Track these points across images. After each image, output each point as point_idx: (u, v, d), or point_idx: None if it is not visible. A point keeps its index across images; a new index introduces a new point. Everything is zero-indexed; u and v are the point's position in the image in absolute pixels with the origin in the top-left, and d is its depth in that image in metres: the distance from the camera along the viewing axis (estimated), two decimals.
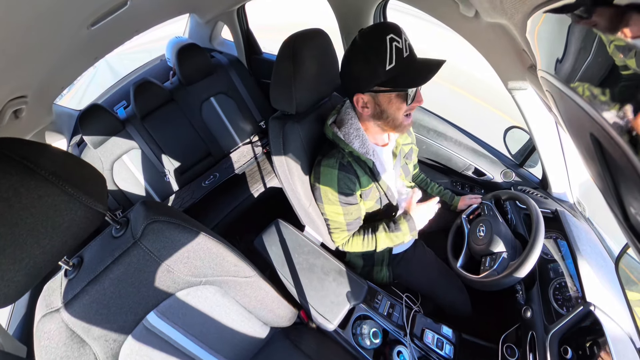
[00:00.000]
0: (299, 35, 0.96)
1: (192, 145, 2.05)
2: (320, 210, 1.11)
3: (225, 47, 2.48)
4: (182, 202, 1.95)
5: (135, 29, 1.43)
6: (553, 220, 1.16)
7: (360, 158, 0.99)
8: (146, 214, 0.77)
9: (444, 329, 1.04)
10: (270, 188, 2.05)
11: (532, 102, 1.10)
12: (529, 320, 0.93)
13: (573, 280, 0.94)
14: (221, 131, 2.16)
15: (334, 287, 1.09)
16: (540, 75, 0.52)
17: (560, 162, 1.22)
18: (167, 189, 2.02)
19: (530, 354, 0.86)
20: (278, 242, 1.24)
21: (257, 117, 2.27)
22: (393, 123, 0.93)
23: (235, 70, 2.19)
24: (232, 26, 2.16)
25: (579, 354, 0.76)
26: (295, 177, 1.05)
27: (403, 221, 1.08)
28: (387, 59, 0.80)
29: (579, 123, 0.32)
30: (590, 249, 0.99)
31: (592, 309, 0.79)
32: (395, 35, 0.80)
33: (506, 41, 0.96)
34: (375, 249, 1.11)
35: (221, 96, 2.13)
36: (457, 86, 4.90)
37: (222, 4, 1.92)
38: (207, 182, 2.03)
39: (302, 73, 0.96)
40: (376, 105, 0.91)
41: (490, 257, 1.04)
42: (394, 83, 0.84)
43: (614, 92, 0.22)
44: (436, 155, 1.71)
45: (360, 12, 1.59)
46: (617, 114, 0.21)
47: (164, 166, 1.97)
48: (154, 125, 1.92)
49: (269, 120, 1.10)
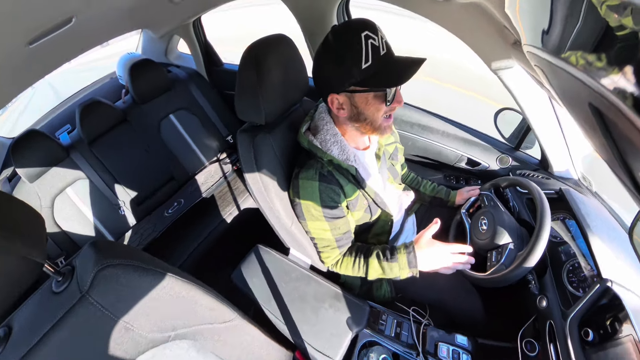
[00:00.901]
0: (261, 43, 0.99)
1: (150, 170, 1.98)
2: (304, 229, 1.10)
3: (182, 61, 2.51)
4: (141, 238, 1.85)
5: (81, 47, 1.40)
6: (558, 200, 1.20)
7: (341, 166, 0.99)
8: (96, 258, 0.68)
9: (458, 338, 1.04)
10: (245, 210, 2.02)
11: (520, 80, 1.16)
12: (545, 309, 0.96)
13: (586, 259, 0.98)
14: (184, 151, 2.13)
15: (331, 315, 1.06)
16: (527, 50, 0.54)
17: (558, 138, 1.27)
18: (122, 224, 1.90)
19: (550, 344, 0.88)
20: (260, 272, 1.19)
21: (223, 132, 2.27)
22: (372, 125, 0.95)
23: (195, 83, 2.20)
24: (189, 39, 2.19)
25: (600, 334, 0.79)
26: (272, 194, 1.04)
27: (402, 252, 1.04)
28: (362, 57, 0.82)
29: (576, 94, 0.34)
30: (601, 223, 1.04)
31: (609, 284, 0.82)
32: (371, 32, 0.82)
33: (483, 20, 1.01)
34: (365, 276, 1.09)
35: (181, 112, 2.12)
36: (436, 78, 5.07)
37: (176, 18, 1.94)
38: (170, 211, 1.96)
39: (268, 80, 0.97)
40: (353, 106, 0.92)
41: (496, 250, 1.07)
42: (370, 82, 0.85)
43: (611, 56, 0.23)
44: (424, 150, 1.75)
45: (322, 13, 1.65)
46: (616, 79, 0.22)
47: (117, 197, 1.88)
48: (104, 151, 1.84)
49: (237, 133, 1.10)
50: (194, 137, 2.16)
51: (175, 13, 1.78)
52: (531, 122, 1.27)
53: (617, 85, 0.22)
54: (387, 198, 1.14)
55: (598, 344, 0.78)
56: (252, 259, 1.23)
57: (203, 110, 2.21)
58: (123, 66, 2.19)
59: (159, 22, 1.98)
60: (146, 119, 2.00)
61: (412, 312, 1.11)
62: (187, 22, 2.05)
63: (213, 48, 2.32)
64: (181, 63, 2.48)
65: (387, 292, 1.22)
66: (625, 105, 0.21)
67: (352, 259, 1.08)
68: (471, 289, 1.25)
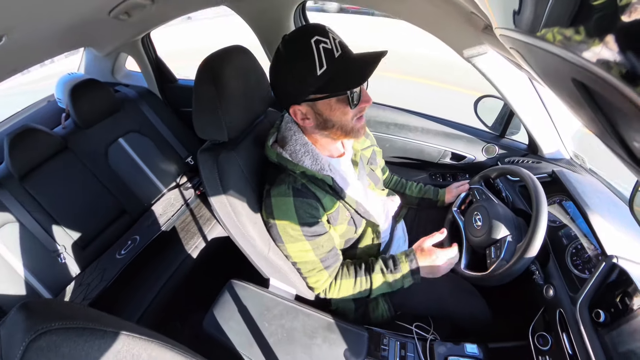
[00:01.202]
0: (217, 55, 0.99)
1: (97, 204, 1.84)
2: (283, 253, 1.08)
3: (132, 79, 2.46)
4: (87, 291, 1.67)
5: (13, 68, 1.34)
6: (552, 183, 1.25)
7: (315, 177, 0.99)
8: (27, 324, 0.57)
9: (468, 347, 1.05)
10: (213, 240, 1.96)
11: (496, 65, 1.21)
12: (553, 298, 0.99)
13: (589, 239, 1.02)
14: (137, 178, 2.02)
15: (326, 351, 1.02)
16: (499, 34, 0.56)
17: (544, 119, 1.33)
18: (62, 275, 1.69)
19: (563, 334, 0.91)
20: (237, 312, 1.11)
21: (182, 153, 2.22)
22: (343, 130, 0.96)
23: (147, 102, 2.16)
24: (138, 56, 2.15)
25: (612, 313, 0.83)
26: (243, 218, 1.02)
27: (404, 261, 1.07)
28: (316, 63, 0.83)
29: (557, 72, 0.35)
30: (600, 200, 1.09)
31: (615, 261, 0.87)
32: (320, 36, 0.84)
33: (449, 8, 1.05)
34: (369, 295, 1.09)
35: (132, 135, 2.05)
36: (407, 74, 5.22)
37: (122, 35, 1.89)
38: (123, 252, 1.82)
39: (228, 94, 0.97)
40: (317, 115, 0.93)
41: (494, 246, 1.10)
42: (330, 88, 0.87)
43: (589, 27, 0.25)
44: (404, 151, 1.78)
45: (278, 20, 1.69)
46: (598, 50, 0.24)
47: (56, 242, 1.68)
48: (39, 186, 1.69)
49: (198, 154, 1.08)
50: (148, 162, 2.07)
51: (122, 30, 1.74)
52: (513, 106, 1.32)
53: (599, 56, 0.24)
54: (371, 206, 1.14)
55: (610, 323, 0.82)
56: (226, 298, 1.15)
57: (157, 131, 2.15)
58: (63, 88, 2.11)
59: (104, 40, 1.93)
60: (91, 145, 1.90)
61: (414, 329, 1.11)
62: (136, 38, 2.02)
63: (165, 64, 2.30)
64: (130, 82, 2.42)
65: (385, 311, 1.21)
66: (611, 75, 0.23)
67: (353, 279, 1.07)
68: (473, 291, 1.26)
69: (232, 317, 1.10)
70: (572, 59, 0.28)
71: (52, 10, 0.89)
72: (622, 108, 0.24)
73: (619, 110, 0.26)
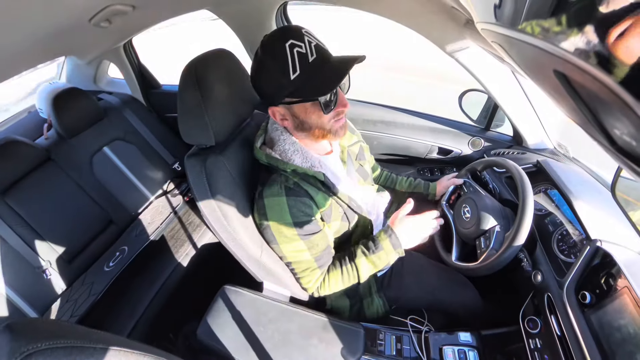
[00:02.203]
0: (200, 59, 0.99)
1: (82, 216, 1.77)
2: (277, 254, 1.07)
3: (115, 87, 2.42)
4: (74, 307, 1.59)
5: None
6: (537, 172, 1.28)
7: (307, 174, 0.99)
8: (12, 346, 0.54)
9: (461, 336, 1.07)
10: (204, 247, 1.92)
11: (479, 59, 1.23)
12: (541, 284, 1.02)
13: (573, 225, 1.06)
14: (123, 187, 1.97)
15: (323, 351, 1.03)
16: (481, 28, 0.57)
17: (528, 111, 1.35)
18: (48, 292, 1.61)
19: (551, 316, 0.94)
20: (231, 319, 1.10)
21: (168, 160, 2.17)
22: (321, 132, 0.96)
23: (131, 109, 2.11)
24: (121, 63, 2.12)
25: (597, 294, 0.86)
26: (234, 223, 1.01)
27: (384, 237, 1.07)
28: (290, 67, 0.84)
29: (539, 64, 0.36)
30: (583, 187, 1.13)
31: (598, 244, 0.90)
32: (296, 40, 0.84)
33: (430, 4, 1.06)
34: (358, 281, 1.09)
35: (118, 143, 2.00)
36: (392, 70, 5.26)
37: (104, 43, 1.85)
38: (112, 264, 1.75)
39: (213, 98, 0.97)
40: (294, 117, 0.95)
41: (483, 236, 1.12)
42: (302, 93, 0.88)
43: (568, 19, 0.25)
44: (392, 147, 1.80)
45: (260, 22, 1.69)
46: (577, 40, 0.24)
47: (40, 257, 1.60)
48: (22, 199, 1.61)
49: (185, 159, 1.07)
50: (135, 170, 2.02)
51: (103, 37, 1.70)
52: (497, 99, 1.34)
53: (578, 46, 0.24)
54: (362, 201, 1.15)
55: (596, 304, 0.85)
56: (220, 306, 1.14)
57: (143, 138, 2.10)
58: (44, 98, 2.04)
59: (85, 48, 1.90)
60: (75, 155, 1.85)
61: (409, 322, 1.13)
62: (117, 45, 1.99)
63: (148, 70, 2.28)
64: (114, 89, 2.38)
65: (380, 307, 1.22)
66: (590, 65, 0.23)
67: (339, 270, 1.08)
68: (465, 281, 1.29)
69: (226, 324, 1.09)
70: (553, 50, 0.29)
71: (31, 20, 0.87)
72: (602, 97, 0.25)
73: (599, 99, 0.26)
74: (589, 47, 0.23)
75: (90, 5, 0.94)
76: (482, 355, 1.02)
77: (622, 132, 0.26)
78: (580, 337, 0.83)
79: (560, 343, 0.89)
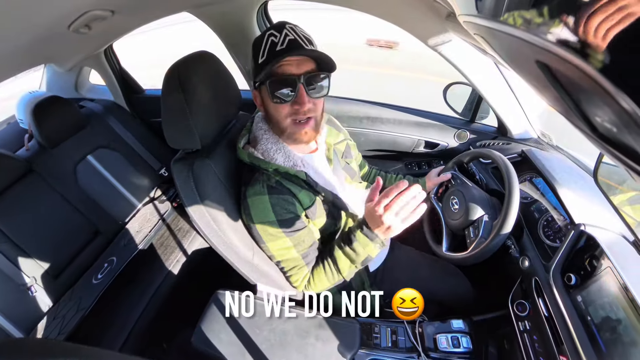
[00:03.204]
0: (182, 62, 0.98)
1: (68, 228, 1.70)
2: (266, 254, 1.07)
3: (97, 93, 2.35)
4: (62, 324, 1.51)
5: None
6: (522, 162, 1.32)
7: (289, 173, 0.99)
8: None
9: (454, 323, 1.10)
10: (195, 253, 1.88)
11: (462, 52, 1.24)
12: (529, 268, 1.05)
13: (558, 211, 1.10)
14: (109, 196, 1.91)
15: (320, 348, 1.03)
16: (463, 20, 0.58)
17: (511, 102, 1.38)
18: (34, 310, 1.53)
19: (539, 299, 0.97)
20: (226, 324, 1.08)
21: (155, 165, 2.13)
22: (279, 128, 0.99)
23: (114, 116, 2.07)
24: (102, 69, 2.06)
25: (581, 275, 0.90)
26: (224, 226, 1.00)
27: (357, 231, 1.00)
28: (260, 52, 0.91)
29: (521, 55, 0.36)
30: (567, 174, 1.16)
31: (582, 228, 0.94)
32: (275, 30, 0.90)
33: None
34: (341, 276, 1.07)
35: (102, 151, 1.94)
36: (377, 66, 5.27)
37: (84, 49, 1.80)
38: (100, 276, 1.69)
39: (197, 101, 0.96)
40: (264, 105, 1.00)
41: (472, 226, 1.14)
42: (262, 77, 0.93)
43: (549, 9, 0.26)
44: (378, 143, 1.81)
45: (241, 22, 1.67)
46: (558, 31, 0.24)
47: (25, 274, 1.52)
48: (3, 214, 1.55)
49: (171, 164, 1.05)
50: (120, 178, 1.97)
51: (83, 44, 1.66)
52: (481, 91, 1.35)
53: (560, 36, 0.25)
54: (349, 199, 1.15)
55: (581, 284, 0.89)
56: (213, 312, 1.11)
57: (127, 145, 2.06)
58: (24, 108, 1.97)
59: (65, 55, 1.83)
60: (58, 166, 1.79)
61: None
62: (98, 51, 1.94)
63: (130, 75, 2.23)
64: (96, 96, 2.32)
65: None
66: (571, 55, 0.24)
67: (321, 266, 1.07)
68: (456, 271, 1.31)
69: (221, 330, 1.07)
70: (535, 41, 0.29)
71: (7, 28, 0.85)
72: (584, 86, 0.25)
73: (581, 88, 0.27)
74: (570, 37, 0.23)
75: (69, 12, 0.91)
76: (474, 340, 1.05)
77: (603, 119, 0.27)
78: (566, 316, 0.86)
79: (548, 323, 0.92)
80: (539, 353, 0.93)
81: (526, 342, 0.96)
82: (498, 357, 1.02)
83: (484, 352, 1.03)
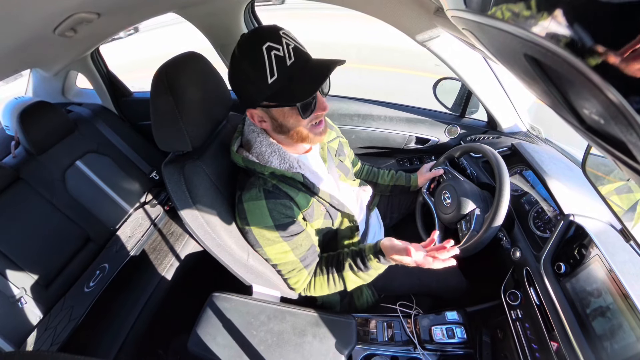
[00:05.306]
0: (170, 64, 0.96)
1: (58, 236, 1.65)
2: (263, 257, 1.06)
3: (84, 97, 2.30)
4: (54, 335, 1.46)
5: None
6: (512, 155, 1.34)
7: (285, 176, 0.98)
8: None
9: (448, 315, 1.12)
10: (188, 256, 1.85)
11: (450, 47, 1.24)
12: (520, 259, 1.07)
13: (548, 202, 1.12)
14: (100, 202, 1.86)
15: (317, 346, 1.03)
16: (451, 15, 0.58)
17: (501, 96, 1.39)
18: (24, 322, 1.47)
19: (530, 288, 1.00)
20: (222, 327, 1.08)
21: (145, 169, 2.09)
22: (299, 136, 0.94)
23: (102, 120, 2.03)
24: (89, 73, 2.02)
25: (571, 264, 0.92)
26: (218, 229, 0.99)
27: (372, 260, 1.02)
28: (267, 71, 0.81)
29: (509, 49, 0.37)
30: (556, 166, 1.19)
31: (571, 219, 0.97)
32: (273, 42, 0.80)
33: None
34: (345, 289, 1.08)
35: (91, 156, 1.90)
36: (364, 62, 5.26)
37: (70, 53, 1.74)
38: (92, 284, 1.64)
39: (186, 102, 0.95)
40: (272, 119, 0.92)
41: (464, 220, 1.16)
42: (279, 98, 0.85)
43: (538, 2, 0.26)
44: (370, 140, 1.81)
45: (228, 22, 1.65)
46: (546, 24, 0.25)
47: (14, 285, 1.47)
48: None
49: (162, 167, 1.03)
50: (110, 183, 1.92)
51: (69, 47, 1.61)
52: (471, 86, 1.36)
53: (548, 30, 0.25)
54: (344, 198, 1.14)
55: (570, 272, 0.91)
56: (209, 314, 1.11)
57: (117, 149, 2.02)
58: (10, 114, 1.89)
59: (51, 59, 1.78)
60: (47, 172, 1.73)
61: (398, 308, 1.16)
62: (84, 55, 1.91)
63: (118, 78, 2.19)
64: (83, 100, 2.27)
65: (370, 296, 1.24)
66: (559, 48, 0.24)
67: (325, 277, 1.07)
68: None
69: (218, 333, 1.07)
70: (523, 34, 0.29)
71: None
72: (571, 79, 0.25)
73: (568, 81, 0.27)
74: (558, 30, 0.24)
75: (54, 15, 0.89)
76: (468, 331, 1.07)
77: (590, 111, 0.27)
78: (557, 303, 0.89)
79: (539, 311, 0.94)
80: (531, 340, 0.95)
81: (519, 330, 0.99)
82: (492, 345, 1.04)
83: (478, 342, 1.05)
